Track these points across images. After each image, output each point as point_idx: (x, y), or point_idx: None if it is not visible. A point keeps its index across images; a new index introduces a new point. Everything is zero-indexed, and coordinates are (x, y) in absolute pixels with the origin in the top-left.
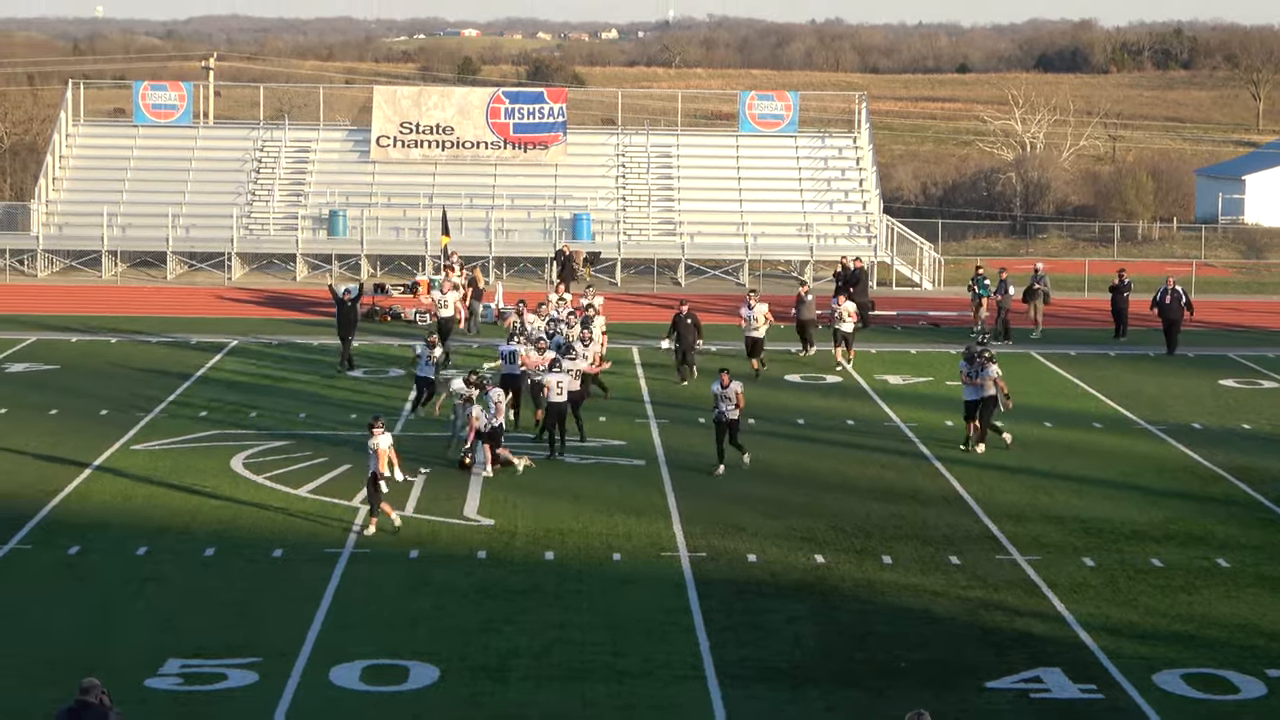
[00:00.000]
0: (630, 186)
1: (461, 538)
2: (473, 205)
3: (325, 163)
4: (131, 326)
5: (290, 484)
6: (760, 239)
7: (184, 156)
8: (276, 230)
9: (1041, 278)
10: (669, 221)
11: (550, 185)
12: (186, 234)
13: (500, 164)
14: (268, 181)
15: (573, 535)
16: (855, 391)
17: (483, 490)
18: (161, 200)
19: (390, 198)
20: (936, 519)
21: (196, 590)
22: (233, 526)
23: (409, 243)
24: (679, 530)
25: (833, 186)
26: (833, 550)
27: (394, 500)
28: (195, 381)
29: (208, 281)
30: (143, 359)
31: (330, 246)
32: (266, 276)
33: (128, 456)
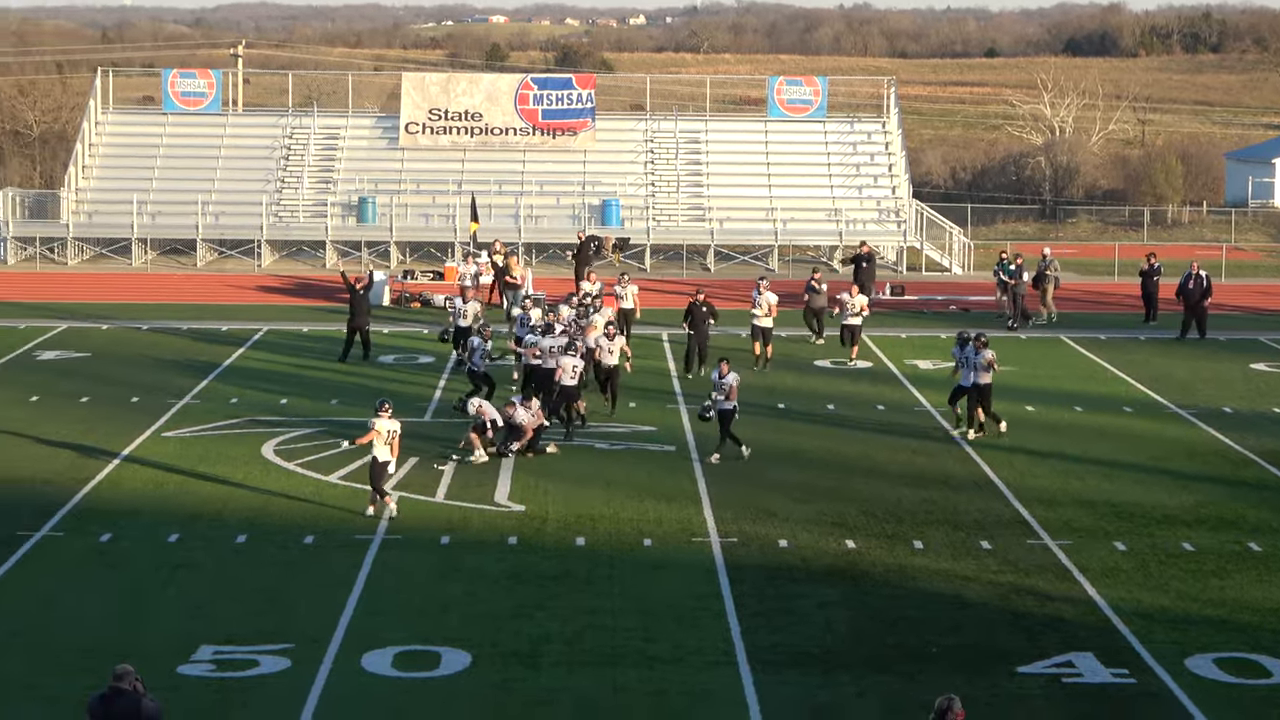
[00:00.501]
0: (659, 172)
1: (492, 524)
2: (501, 191)
3: (354, 149)
4: (161, 314)
5: (321, 471)
6: (789, 224)
7: (213, 144)
8: (306, 217)
9: (1050, 263)
10: (698, 207)
11: (579, 171)
12: (216, 221)
13: (529, 150)
14: (297, 168)
15: (603, 521)
16: (885, 376)
17: (513, 476)
18: (191, 187)
19: (419, 184)
20: (967, 504)
21: (228, 577)
22: (264, 513)
23: (438, 229)
24: (710, 515)
25: (862, 171)
26: (864, 535)
27: (426, 487)
28: (226, 369)
29: (237, 268)
30: (173, 346)
31: (359, 233)
32: (296, 263)
33: (159, 444)
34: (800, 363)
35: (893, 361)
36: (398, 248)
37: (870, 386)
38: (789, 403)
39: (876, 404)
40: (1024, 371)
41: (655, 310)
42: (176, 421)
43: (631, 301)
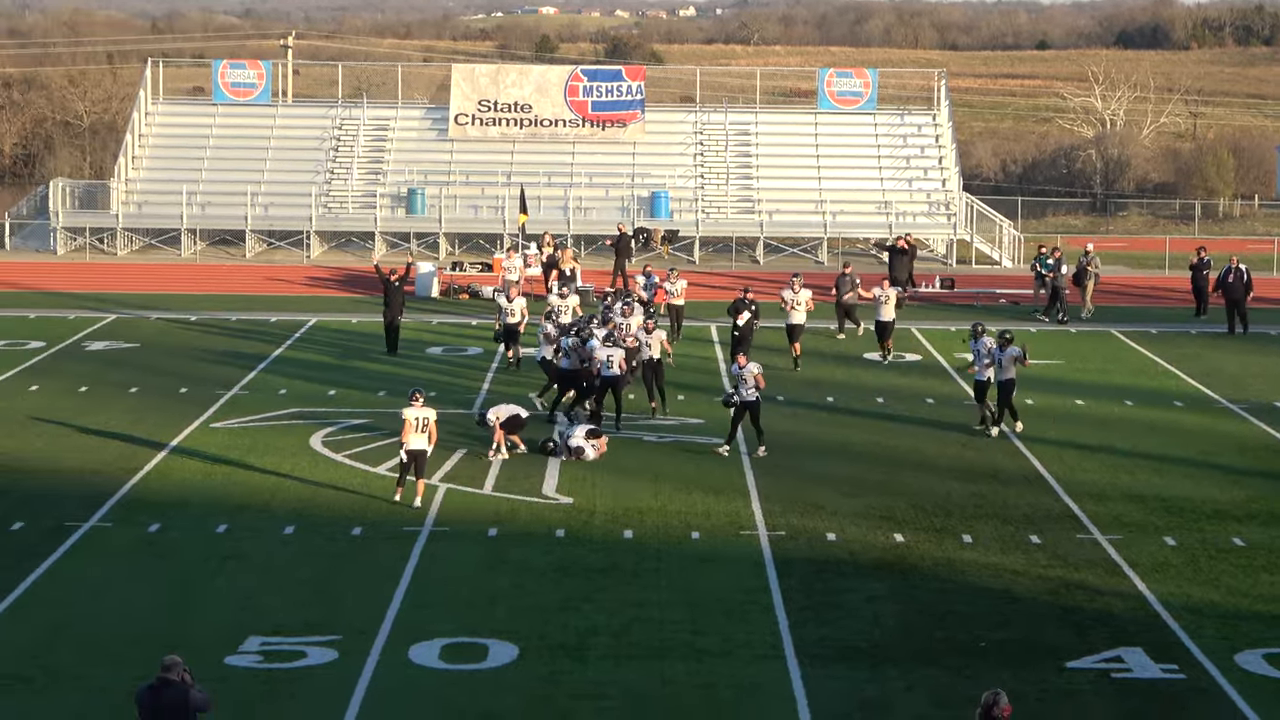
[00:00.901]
0: (708, 164)
1: (540, 516)
2: (550, 183)
3: (403, 141)
4: (210, 305)
5: (369, 462)
6: (839, 217)
7: (263, 135)
8: (355, 208)
9: (1092, 258)
10: (747, 199)
11: (628, 163)
12: (265, 212)
13: (578, 142)
14: (346, 159)
15: (651, 514)
16: (934, 370)
17: (561, 469)
18: (240, 178)
19: (468, 176)
20: (1017, 498)
21: (276, 568)
22: (312, 505)
23: (487, 221)
24: (758, 509)
25: (912, 164)
26: (912, 529)
27: (474, 479)
28: (274, 360)
29: (286, 260)
30: (222, 337)
31: (409, 225)
32: (345, 255)
33: (207, 434)
34: (849, 356)
35: (942, 355)
36: (446, 239)
37: (919, 380)
38: (837, 396)
39: (925, 397)
40: (1074, 365)
41: (703, 304)
42: (225, 412)
43: (681, 297)
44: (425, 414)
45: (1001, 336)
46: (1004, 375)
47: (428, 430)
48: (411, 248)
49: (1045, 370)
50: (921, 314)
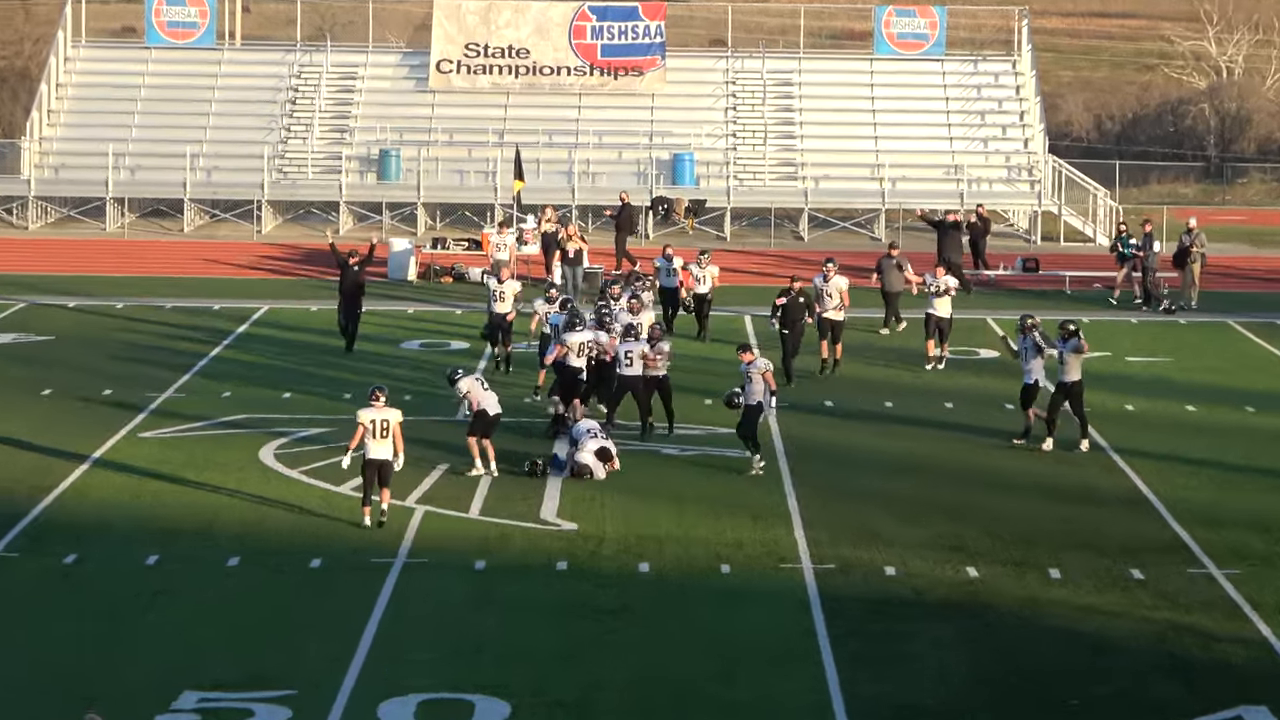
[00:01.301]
0: (742, 121)
1: (538, 545)
2: (552, 144)
3: (374, 92)
4: (141, 289)
5: (332, 480)
6: (900, 184)
7: (205, 85)
8: (316, 174)
9: (1196, 236)
10: (789, 163)
11: (645, 120)
12: (208, 178)
13: (585, 94)
14: (306, 115)
15: (672, 543)
16: (1013, 369)
17: (563, 488)
18: (178, 138)
19: (453, 135)
20: (1114, 524)
21: (218, 607)
22: (262, 530)
23: (475, 189)
24: (801, 537)
25: (987, 121)
26: (988, 562)
27: (457, 500)
28: (217, 356)
29: (234, 235)
30: (154, 328)
31: (381, 193)
32: (304, 228)
33: (135, 445)
34: (910, 351)
35: None
36: (426, 211)
37: (996, 381)
38: (898, 401)
39: (1004, 402)
40: (1183, 363)
41: (737, 289)
42: (157, 419)
43: (709, 285)
44: (386, 415)
45: (1064, 328)
46: (1067, 376)
47: (390, 435)
48: (384, 221)
49: (1149, 369)
50: (998, 302)
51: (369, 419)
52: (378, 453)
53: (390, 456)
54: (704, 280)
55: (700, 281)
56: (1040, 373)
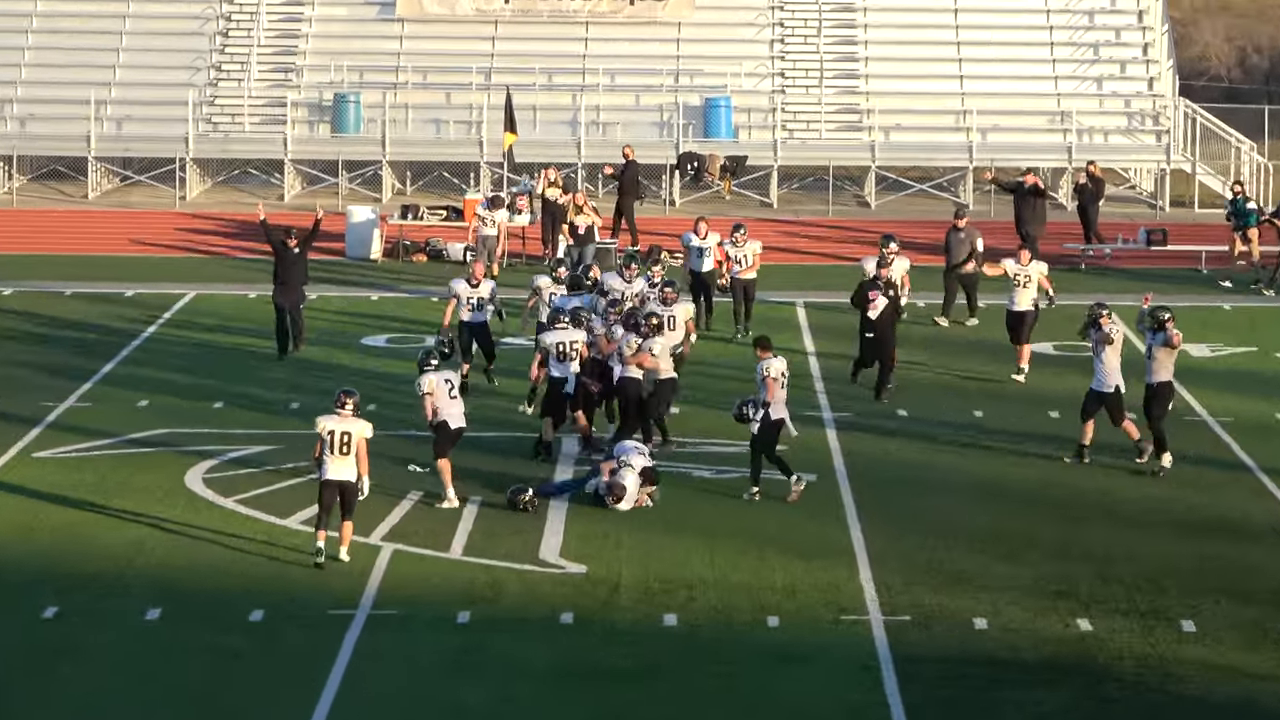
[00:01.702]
0: (792, 57)
1: (537, 592)
2: (552, 86)
3: (327, 22)
4: (34, 270)
5: (275, 510)
6: (991, 136)
7: (113, 14)
8: (254, 125)
9: None
10: (851, 110)
11: (670, 55)
12: (118, 131)
13: (594, 23)
14: (240, 52)
15: (706, 589)
16: (1139, 368)
17: (568, 520)
18: (80, 80)
19: (426, 75)
20: (1264, 562)
21: (132, 672)
22: (188, 575)
23: (455, 143)
24: (868, 581)
25: (1101, 56)
26: (1103, 611)
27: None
28: (131, 354)
29: (151, 202)
30: (53, 320)
31: (336, 148)
32: (240, 194)
33: (29, 467)
34: (996, 346)
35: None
36: (393, 171)
37: None
38: (987, 410)
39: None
40: None
41: (785, 269)
42: (55, 436)
43: (751, 267)
44: (350, 427)
45: (1153, 317)
46: (1156, 376)
47: (353, 451)
48: (340, 185)
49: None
50: (1114, 283)
51: (328, 429)
52: (337, 472)
53: (353, 478)
54: (743, 261)
55: (739, 263)
56: (1113, 376)
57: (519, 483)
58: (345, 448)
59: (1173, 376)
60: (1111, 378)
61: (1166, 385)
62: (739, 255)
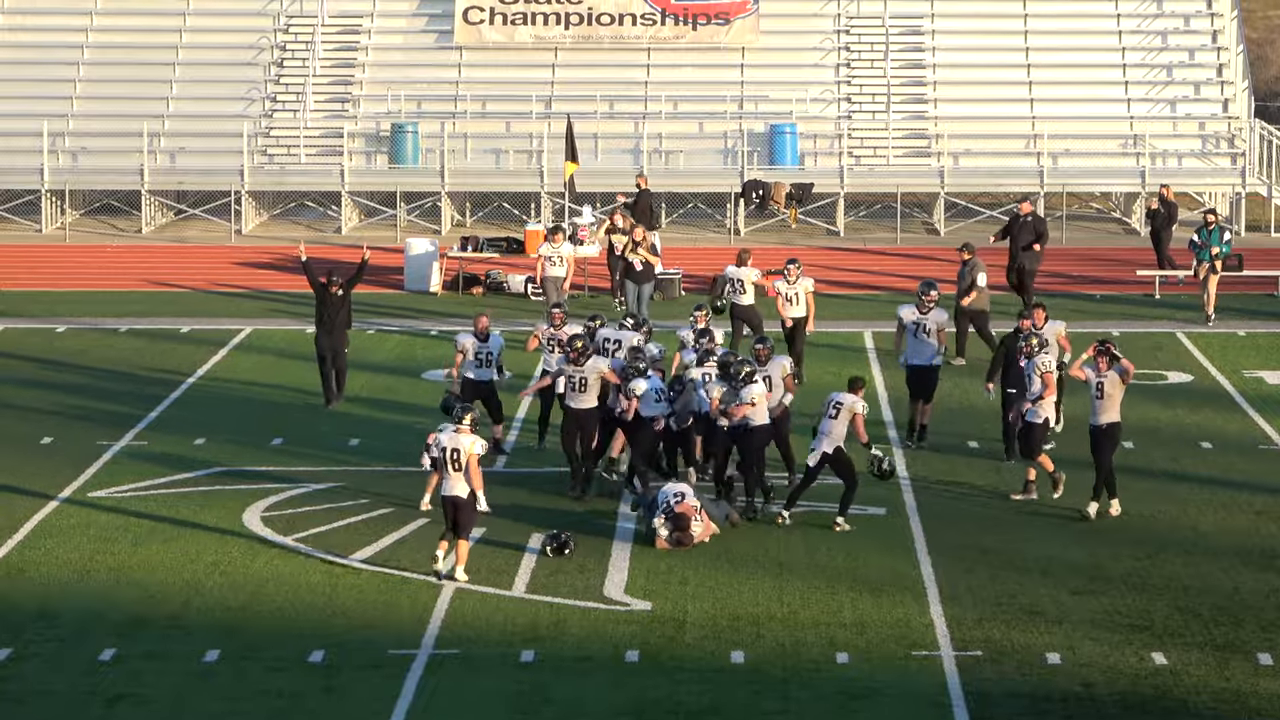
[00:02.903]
0: (859, 82)
1: (602, 630)
2: (614, 114)
3: (385, 50)
4: (86, 306)
5: (335, 549)
6: (1062, 161)
7: (167, 44)
8: (311, 157)
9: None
10: (919, 135)
11: (734, 81)
12: (171, 163)
13: (656, 48)
14: (296, 82)
15: (774, 625)
16: (1214, 396)
17: (633, 557)
18: (131, 111)
19: (485, 104)
20: None
21: (193, 715)
22: (248, 616)
23: (515, 174)
24: (939, 615)
25: (1175, 77)
26: (1180, 645)
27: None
28: (187, 392)
29: (206, 236)
30: (106, 358)
31: (394, 180)
32: (296, 227)
33: (85, 507)
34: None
35: (1224, 373)
36: (452, 203)
37: (1189, 413)
38: (1060, 437)
39: (1199, 440)
40: None
41: (852, 301)
42: (111, 475)
43: (804, 306)
44: (459, 443)
45: (1103, 349)
46: (1104, 417)
47: (464, 467)
48: (399, 217)
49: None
50: (1186, 313)
51: (441, 444)
52: (449, 489)
53: (465, 494)
54: (795, 300)
55: (791, 302)
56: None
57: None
58: (455, 464)
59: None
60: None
61: (1118, 426)
62: (790, 293)
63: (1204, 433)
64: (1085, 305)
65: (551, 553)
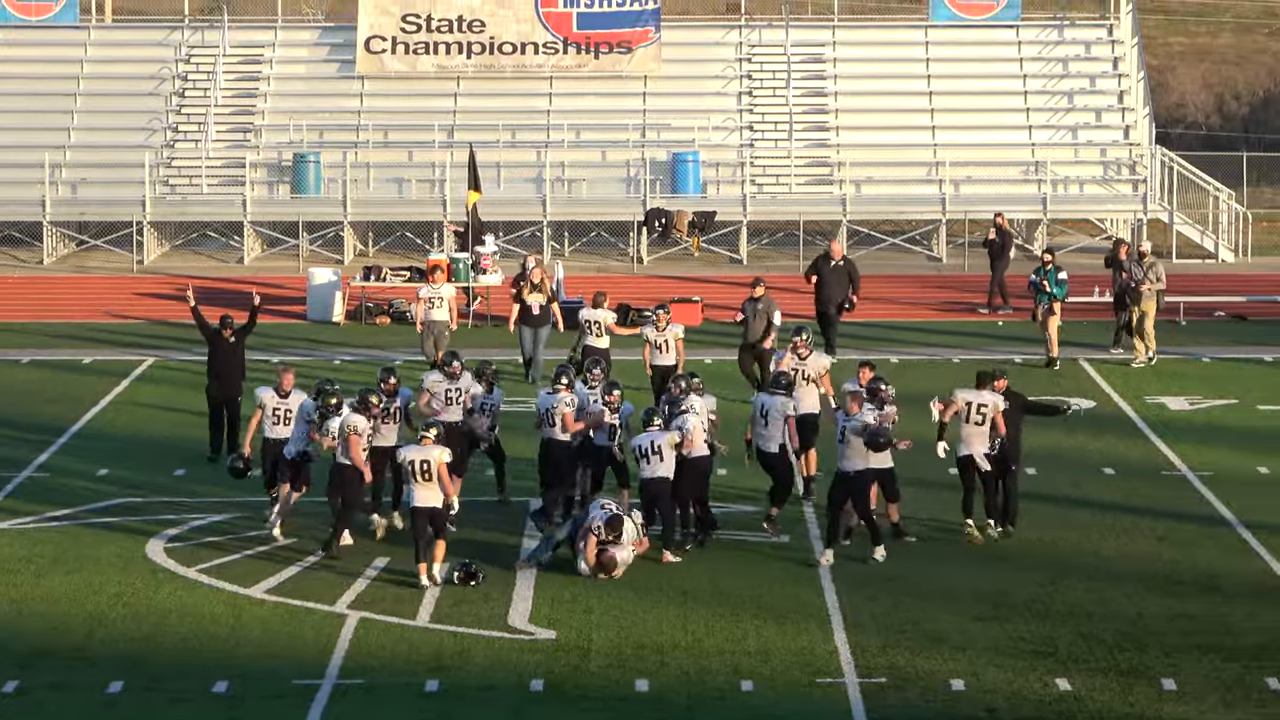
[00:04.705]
0: (761, 110)
1: (506, 659)
2: (516, 143)
3: (287, 80)
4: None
5: (238, 580)
6: (964, 188)
7: (68, 75)
8: (213, 187)
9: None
10: (821, 163)
11: (636, 109)
12: (73, 194)
13: (559, 77)
14: (197, 111)
15: (678, 653)
16: (1116, 422)
17: (538, 586)
18: (33, 143)
19: (388, 134)
20: (1246, 619)
21: None
22: (150, 647)
23: (417, 203)
24: (843, 642)
25: (1076, 104)
26: (1084, 671)
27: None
28: (89, 423)
29: (107, 267)
30: (7, 389)
31: (296, 210)
32: (199, 257)
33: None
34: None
35: (1127, 399)
36: (355, 232)
37: (1091, 439)
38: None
39: (1102, 466)
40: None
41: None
42: (13, 506)
43: (674, 354)
44: (428, 455)
45: (870, 390)
46: (854, 463)
47: (434, 477)
48: (301, 246)
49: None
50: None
51: (408, 458)
52: (424, 499)
53: (439, 504)
54: (665, 348)
55: (661, 350)
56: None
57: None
58: (426, 475)
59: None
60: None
61: (868, 473)
62: (660, 340)
63: (1106, 458)
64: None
65: (459, 581)
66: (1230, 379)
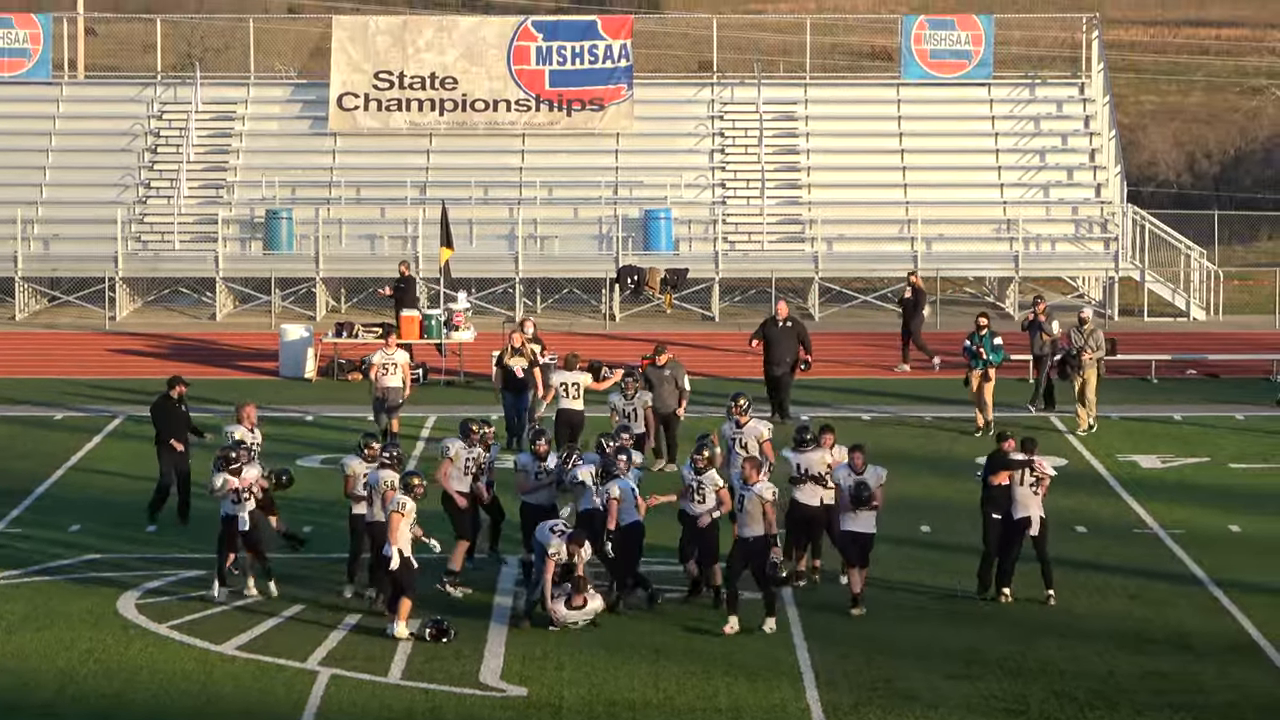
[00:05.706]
0: (733, 167)
1: (477, 716)
2: (488, 200)
3: (259, 137)
4: None
5: (210, 637)
6: (936, 245)
7: (40, 131)
8: (185, 243)
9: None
10: (793, 220)
11: (609, 166)
12: (45, 250)
13: (531, 134)
14: (170, 168)
15: (650, 711)
16: (1088, 480)
17: (509, 643)
18: (6, 199)
19: (360, 190)
20: (1217, 677)
21: None
22: (122, 703)
23: (389, 259)
24: (815, 700)
25: (1048, 162)
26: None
27: (373, 660)
28: (61, 478)
29: (79, 323)
30: None
31: (269, 266)
32: (171, 314)
33: None
34: (957, 461)
35: (1099, 458)
36: (327, 289)
37: (1063, 497)
38: (934, 522)
39: (1074, 524)
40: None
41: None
42: None
43: (641, 423)
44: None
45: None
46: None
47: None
48: (273, 303)
49: (1260, 479)
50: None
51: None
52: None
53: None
54: (634, 416)
55: (628, 419)
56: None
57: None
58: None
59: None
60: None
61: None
62: (627, 409)
63: (1078, 517)
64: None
65: (431, 637)
66: (1202, 437)
